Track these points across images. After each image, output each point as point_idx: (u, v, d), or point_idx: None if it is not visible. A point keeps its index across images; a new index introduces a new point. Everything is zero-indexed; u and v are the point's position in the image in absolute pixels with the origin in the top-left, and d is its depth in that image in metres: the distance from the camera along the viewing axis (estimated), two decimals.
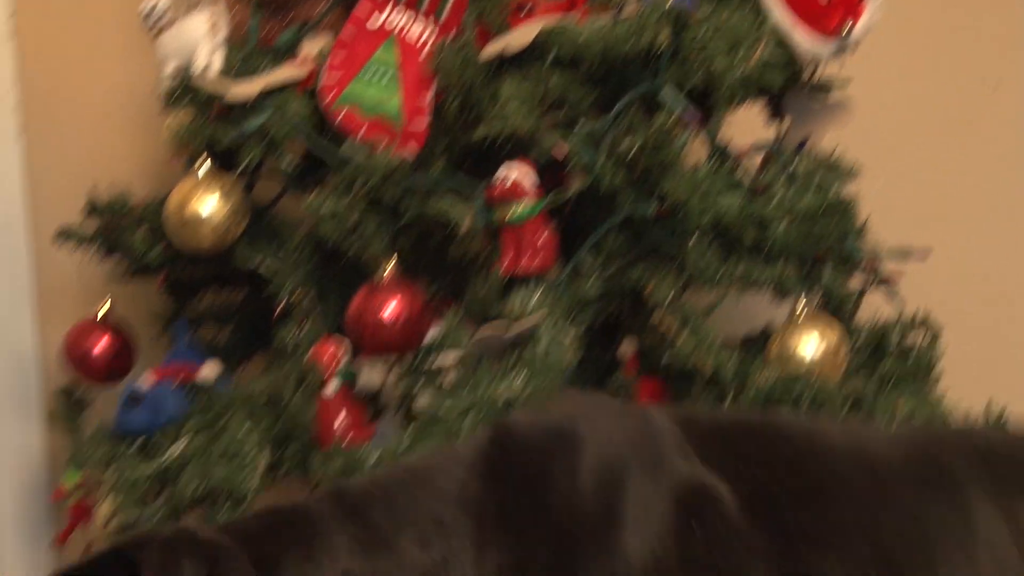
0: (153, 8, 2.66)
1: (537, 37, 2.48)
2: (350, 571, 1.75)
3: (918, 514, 1.82)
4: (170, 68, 2.65)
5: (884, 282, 2.65)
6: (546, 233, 2.49)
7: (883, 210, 2.63)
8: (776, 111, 2.69)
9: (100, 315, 2.77)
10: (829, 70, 2.71)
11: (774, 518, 1.82)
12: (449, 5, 2.56)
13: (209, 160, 2.62)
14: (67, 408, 2.82)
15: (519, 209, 2.47)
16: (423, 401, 2.49)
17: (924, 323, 2.67)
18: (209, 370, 2.69)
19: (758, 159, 2.63)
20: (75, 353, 2.76)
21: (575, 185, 2.53)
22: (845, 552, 1.82)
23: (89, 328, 2.76)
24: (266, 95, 2.57)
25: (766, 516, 1.82)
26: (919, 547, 1.80)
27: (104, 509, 2.64)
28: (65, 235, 2.83)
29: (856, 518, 1.84)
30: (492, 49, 2.51)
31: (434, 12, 2.55)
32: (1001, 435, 2.10)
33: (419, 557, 1.78)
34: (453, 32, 2.55)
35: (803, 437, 1.96)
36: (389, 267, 2.50)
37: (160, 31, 2.66)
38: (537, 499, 1.82)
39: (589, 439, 1.87)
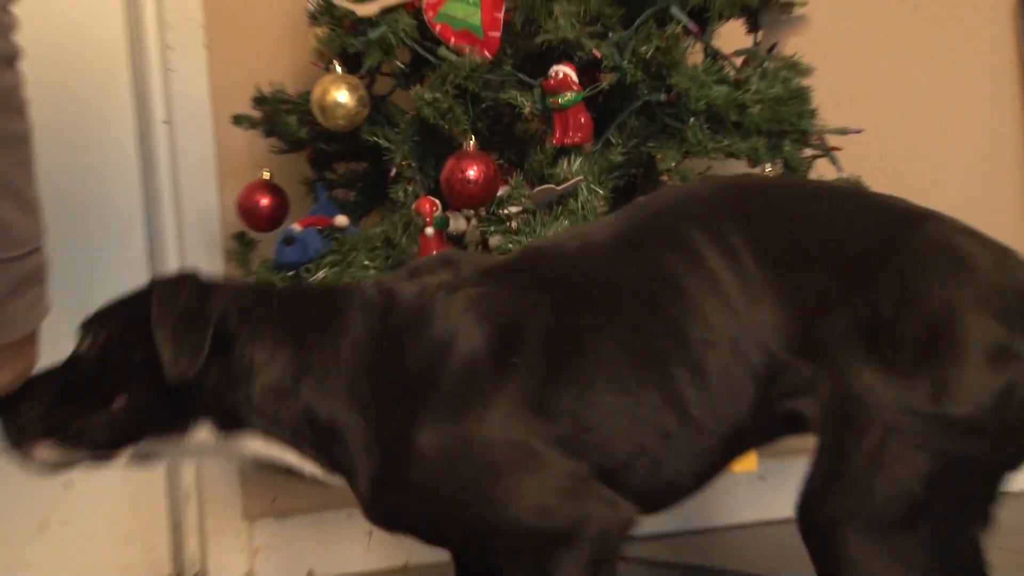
0: None
1: None
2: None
3: (659, 263, 1.78)
4: None
5: (829, 152, 2.74)
6: (585, 115, 2.58)
7: (830, 99, 2.71)
8: (753, 25, 2.79)
9: (264, 179, 2.88)
10: None
11: (553, 308, 1.81)
12: None
13: (341, 63, 2.68)
14: (240, 248, 2.91)
15: (566, 97, 2.55)
16: (494, 241, 2.58)
17: (855, 181, 2.68)
18: (341, 220, 2.76)
19: (740, 60, 2.70)
20: (246, 207, 2.86)
21: (606, 80, 2.62)
22: (613, 305, 1.80)
23: (256, 189, 2.86)
24: (383, 13, 2.61)
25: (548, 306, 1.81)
26: (669, 285, 1.76)
27: None
28: (239, 120, 2.90)
29: (615, 280, 1.81)
30: None
31: None
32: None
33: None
34: None
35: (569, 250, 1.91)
36: (471, 142, 2.57)
37: None
38: None
39: None
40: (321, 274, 2.70)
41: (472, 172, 2.56)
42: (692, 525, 3.37)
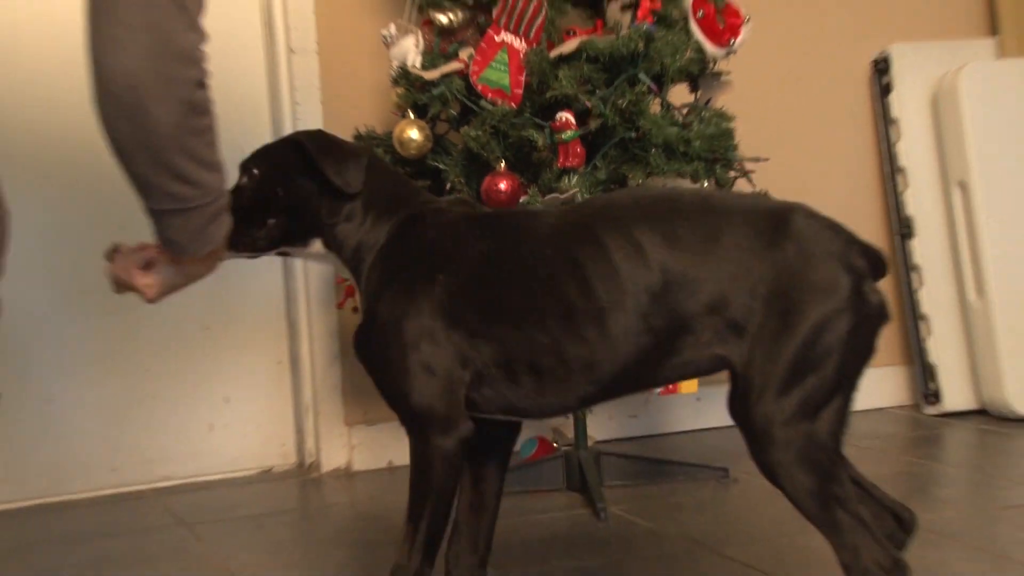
0: (388, 34, 2.69)
1: (578, 46, 2.55)
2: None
3: (574, 252, 1.69)
4: (395, 64, 2.69)
5: (746, 173, 2.71)
6: (580, 147, 2.55)
7: (746, 137, 2.70)
8: (694, 87, 2.73)
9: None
10: (721, 65, 2.72)
11: (491, 253, 1.76)
12: (533, 30, 2.56)
13: (413, 111, 2.67)
14: None
15: (567, 134, 2.53)
16: None
17: (763, 194, 2.43)
18: None
19: (686, 110, 2.66)
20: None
21: (594, 123, 2.57)
22: (531, 268, 1.72)
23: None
24: (442, 77, 2.61)
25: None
26: (575, 267, 1.68)
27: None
28: None
29: (541, 253, 1.72)
30: (554, 52, 2.57)
31: (526, 34, 2.56)
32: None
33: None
34: (535, 44, 2.57)
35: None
36: (501, 165, 2.56)
37: (390, 46, 2.70)
38: None
39: None
40: None
41: (503, 185, 2.56)
42: (650, 431, 3.34)
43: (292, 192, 1.83)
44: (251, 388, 3.18)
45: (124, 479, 3.05)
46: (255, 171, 1.84)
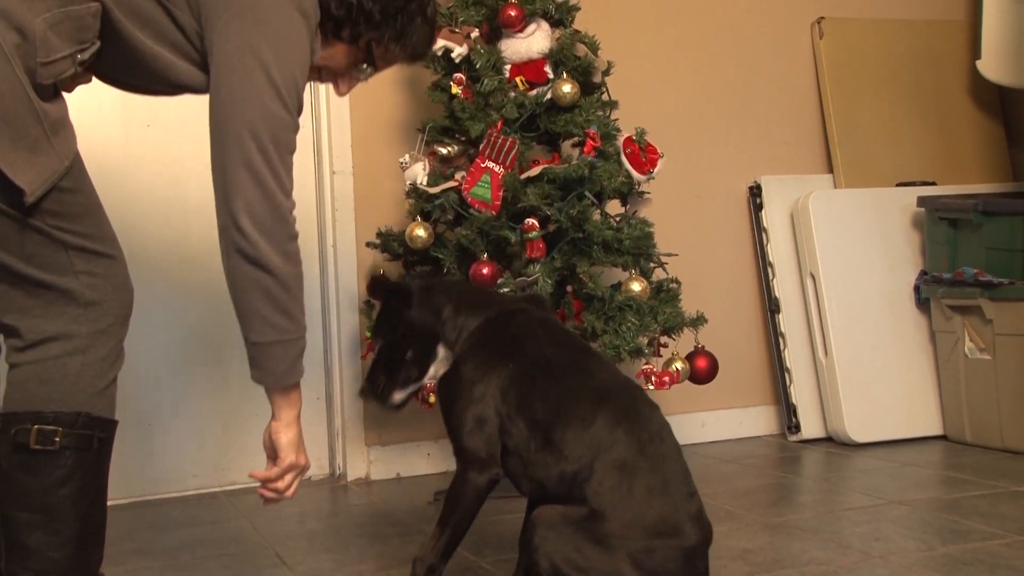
0: (404, 160, 2.69)
1: (541, 171, 2.55)
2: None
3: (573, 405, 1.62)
4: (408, 182, 2.69)
5: (661, 264, 2.69)
6: (542, 244, 2.53)
7: (660, 238, 2.69)
8: (624, 202, 2.71)
9: (380, 272, 2.78)
10: (644, 186, 2.71)
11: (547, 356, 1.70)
12: (508, 159, 2.54)
13: (420, 216, 2.67)
14: (367, 308, 2.81)
15: (532, 234, 2.51)
16: None
17: (674, 280, 2.67)
18: None
19: (619, 218, 2.65)
20: (370, 284, 2.80)
21: (552, 225, 2.58)
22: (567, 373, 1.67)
23: (379, 277, 2.77)
24: (442, 191, 2.60)
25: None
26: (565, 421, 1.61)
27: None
28: (369, 244, 2.85)
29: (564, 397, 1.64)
30: (524, 175, 2.56)
31: (503, 162, 2.54)
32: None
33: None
34: (510, 169, 2.54)
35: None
36: (484, 256, 2.53)
37: (405, 168, 2.69)
38: None
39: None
40: None
41: (485, 270, 2.55)
42: None
43: (407, 326, 1.77)
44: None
45: (202, 483, 2.99)
46: (379, 337, 1.81)
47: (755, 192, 3.51)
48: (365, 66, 1.65)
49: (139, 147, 2.94)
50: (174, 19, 1.44)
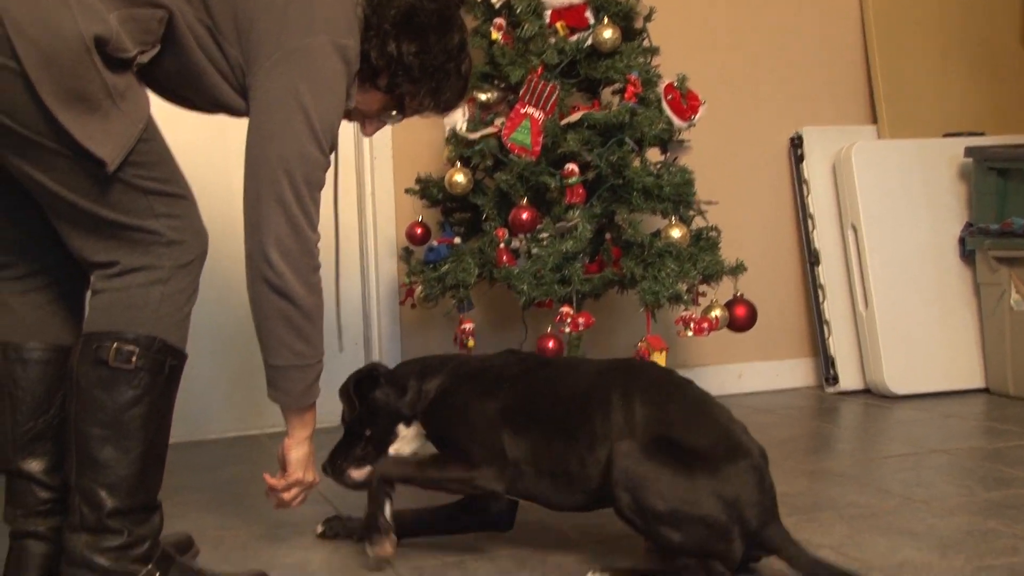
0: None
1: (581, 117, 2.54)
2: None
3: (588, 405, 1.64)
4: (448, 128, 2.70)
5: (701, 212, 2.67)
6: (582, 190, 2.53)
7: (702, 186, 2.68)
8: (664, 150, 2.69)
9: (418, 220, 2.78)
10: (684, 134, 2.69)
11: (532, 388, 1.72)
12: (549, 105, 2.53)
13: (460, 162, 2.66)
14: (405, 255, 2.81)
15: (572, 180, 2.51)
16: (535, 251, 2.52)
17: (714, 228, 2.64)
18: (456, 240, 2.69)
19: (659, 166, 2.61)
20: (409, 234, 2.78)
21: (592, 172, 2.57)
22: (558, 406, 1.68)
23: (414, 225, 2.78)
24: (482, 137, 2.60)
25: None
26: (585, 414, 1.63)
27: (418, 290, 2.73)
28: (408, 191, 2.83)
29: (568, 399, 1.68)
30: (564, 121, 2.55)
31: (543, 107, 2.53)
32: (641, 366, 1.79)
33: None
34: (550, 115, 2.54)
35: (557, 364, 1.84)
36: (524, 200, 2.53)
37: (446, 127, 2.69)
38: None
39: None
40: (445, 267, 2.65)
41: (525, 215, 2.54)
42: None
43: (370, 405, 1.80)
44: (335, 359, 3.06)
45: (244, 425, 3.02)
46: (345, 410, 1.82)
47: (796, 143, 3.46)
48: (395, 113, 1.72)
49: None
50: (222, 49, 1.51)
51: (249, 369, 3.00)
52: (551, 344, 2.52)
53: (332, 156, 1.60)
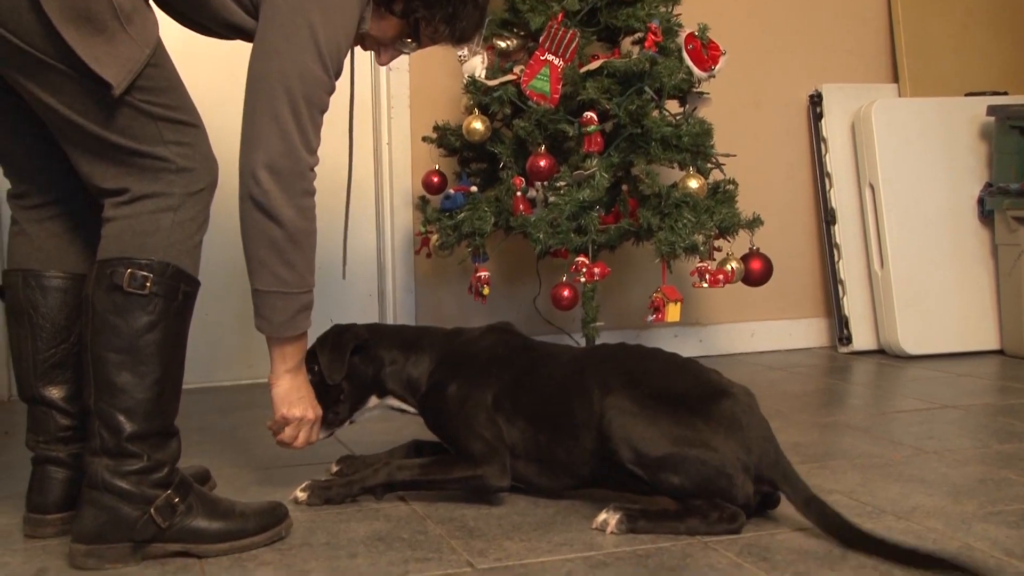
0: (462, 54, 2.68)
1: (600, 65, 2.53)
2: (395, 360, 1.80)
3: (567, 393, 1.66)
4: (466, 75, 2.68)
5: (719, 165, 2.65)
6: (600, 138, 2.53)
7: (720, 138, 2.65)
8: (683, 102, 2.69)
9: (435, 168, 2.80)
10: (703, 86, 2.67)
11: (522, 370, 1.74)
12: (568, 53, 2.53)
13: (478, 109, 2.64)
14: (421, 204, 2.83)
15: (590, 128, 2.51)
16: (552, 200, 2.52)
17: (731, 181, 2.64)
18: (473, 188, 2.71)
19: (678, 116, 2.62)
20: (425, 182, 2.79)
21: (610, 122, 2.58)
22: (542, 392, 1.70)
23: (431, 173, 2.79)
24: (501, 84, 2.59)
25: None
26: (565, 401, 1.66)
27: (434, 239, 2.75)
28: (425, 139, 2.83)
29: (551, 385, 1.70)
30: (584, 69, 2.55)
31: (563, 55, 2.52)
32: (629, 351, 1.73)
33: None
34: (569, 62, 2.53)
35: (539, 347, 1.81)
36: (541, 148, 2.53)
37: (463, 62, 2.70)
38: None
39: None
40: (462, 215, 2.66)
41: (543, 163, 2.55)
42: None
43: (350, 370, 1.78)
44: (350, 312, 3.12)
45: (256, 372, 3.02)
46: (315, 368, 1.78)
47: (815, 100, 3.43)
48: (410, 40, 1.68)
49: None
50: None
51: None
52: (566, 293, 2.53)
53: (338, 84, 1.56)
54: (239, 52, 1.62)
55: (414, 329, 1.90)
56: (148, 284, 1.42)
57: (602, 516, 1.57)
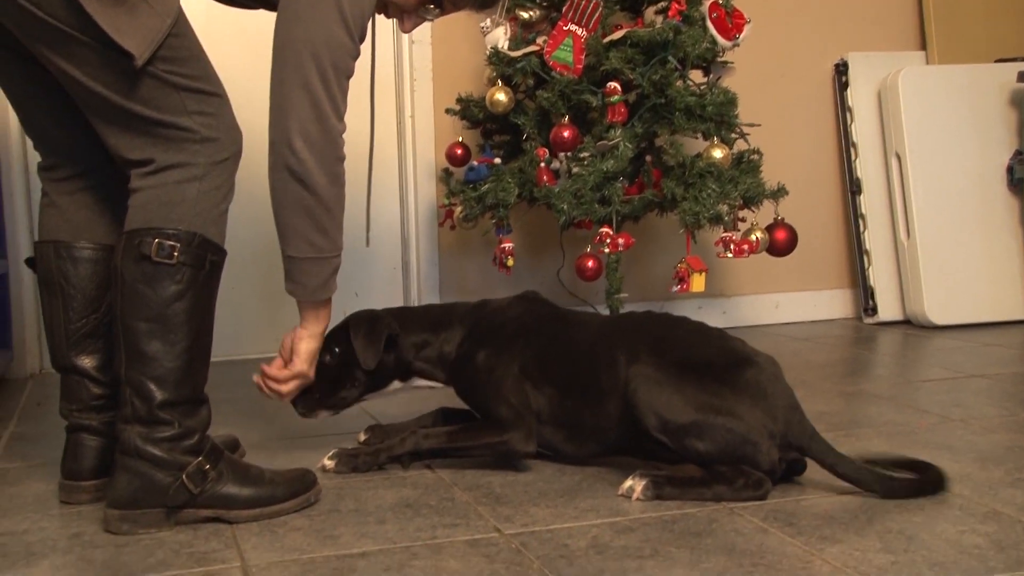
0: (485, 25, 2.67)
1: (624, 35, 2.52)
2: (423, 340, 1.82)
3: (595, 361, 1.67)
4: (489, 47, 2.66)
5: (743, 135, 2.63)
6: (623, 109, 2.52)
7: (744, 107, 2.63)
8: (707, 71, 2.67)
9: (458, 140, 2.80)
10: (727, 55, 2.66)
11: (549, 338, 1.75)
12: (592, 22, 2.50)
13: (501, 81, 2.64)
14: (445, 177, 2.83)
15: (614, 99, 2.49)
16: (576, 170, 2.51)
17: (755, 151, 2.61)
18: (496, 160, 2.70)
19: (702, 86, 2.60)
20: (449, 154, 2.79)
21: (634, 92, 2.57)
22: (570, 358, 1.71)
23: (454, 145, 2.79)
24: (524, 55, 2.57)
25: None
26: (592, 369, 1.67)
27: (457, 211, 2.76)
28: (448, 111, 2.84)
29: (577, 351, 1.71)
30: (607, 39, 2.53)
31: (586, 25, 2.50)
32: (656, 319, 1.75)
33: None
34: (592, 32, 2.51)
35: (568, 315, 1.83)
36: (565, 119, 2.52)
37: (486, 34, 2.67)
38: None
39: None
40: (485, 187, 2.66)
41: (566, 133, 2.54)
42: None
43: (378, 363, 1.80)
44: (374, 285, 3.16)
45: (278, 346, 3.02)
46: (336, 349, 1.79)
47: (841, 70, 3.40)
48: (433, 7, 1.68)
49: None
50: None
51: (282, 290, 3.04)
52: (591, 263, 2.53)
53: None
54: (260, 22, 1.63)
55: (440, 307, 1.91)
56: (176, 254, 1.43)
57: (628, 483, 1.57)
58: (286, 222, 1.57)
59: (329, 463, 1.75)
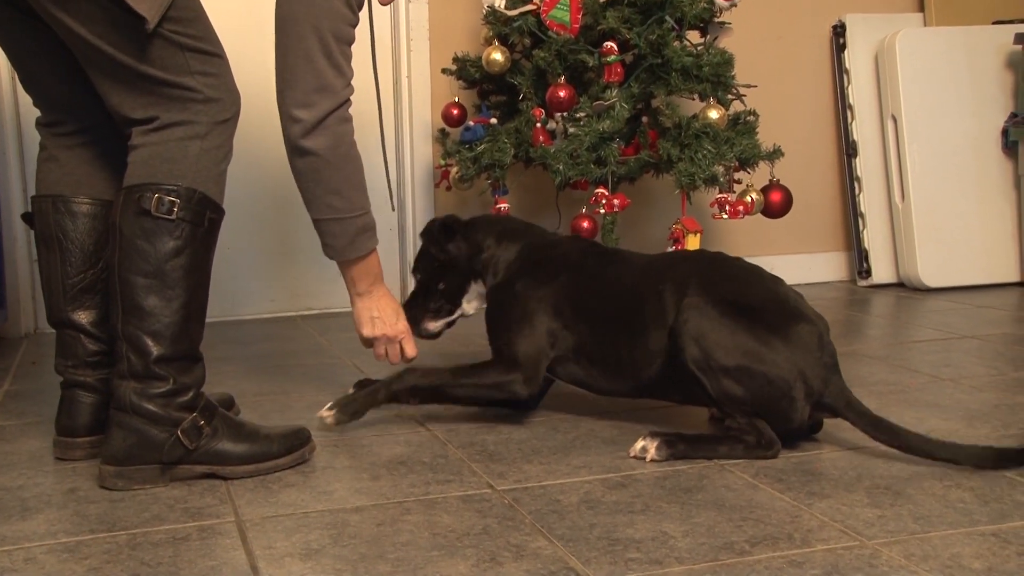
0: None
1: None
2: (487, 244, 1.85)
3: (640, 295, 1.65)
4: (486, 5, 2.65)
5: (739, 96, 2.60)
6: (620, 68, 2.49)
7: (741, 69, 2.63)
8: (704, 32, 2.64)
9: (455, 100, 2.79)
10: (724, 16, 2.62)
11: (591, 274, 1.74)
12: None
13: (498, 40, 2.63)
14: (441, 136, 2.83)
15: (610, 58, 2.47)
16: (572, 130, 2.49)
17: (752, 113, 2.59)
18: (492, 120, 2.68)
19: (699, 47, 2.56)
20: (445, 114, 2.77)
21: (630, 53, 2.53)
22: (612, 293, 1.69)
23: (451, 105, 2.77)
24: (521, 14, 2.56)
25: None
26: (637, 303, 1.65)
27: (453, 171, 2.73)
28: (444, 71, 2.83)
29: (620, 287, 1.68)
30: None
31: None
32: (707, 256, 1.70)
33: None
34: None
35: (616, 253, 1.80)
36: (561, 79, 2.51)
37: None
38: None
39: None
40: (481, 147, 2.64)
41: (562, 93, 2.52)
42: None
43: (445, 257, 1.87)
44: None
45: (279, 307, 3.06)
46: (420, 264, 1.90)
47: (839, 31, 3.36)
48: None
49: None
50: None
51: (282, 251, 3.05)
52: (586, 224, 2.52)
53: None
54: None
55: (513, 222, 1.93)
56: (175, 209, 1.43)
57: (640, 443, 1.55)
58: (303, 187, 1.64)
59: (327, 414, 1.71)
